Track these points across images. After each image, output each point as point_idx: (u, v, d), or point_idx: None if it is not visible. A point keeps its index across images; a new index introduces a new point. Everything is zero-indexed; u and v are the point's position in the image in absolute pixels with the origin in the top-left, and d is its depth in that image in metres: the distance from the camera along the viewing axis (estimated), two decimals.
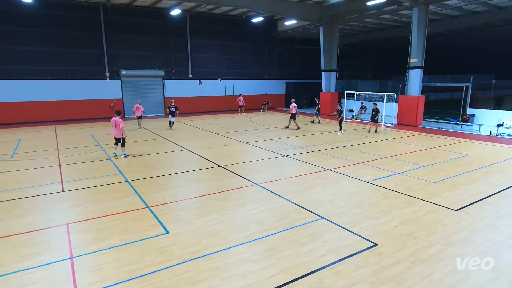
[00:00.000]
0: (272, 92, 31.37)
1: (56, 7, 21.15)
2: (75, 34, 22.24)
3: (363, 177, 9.44)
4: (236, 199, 7.82)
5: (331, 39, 24.95)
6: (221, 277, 4.72)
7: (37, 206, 7.45)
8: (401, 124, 20.26)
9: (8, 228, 6.26)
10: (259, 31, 29.02)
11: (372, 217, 6.72)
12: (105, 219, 6.66)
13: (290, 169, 10.40)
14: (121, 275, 4.75)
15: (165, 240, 5.80)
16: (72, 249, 5.48)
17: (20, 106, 21.11)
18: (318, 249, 5.46)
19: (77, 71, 22.77)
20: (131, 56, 24.37)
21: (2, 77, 20.55)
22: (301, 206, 7.31)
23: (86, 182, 9.11)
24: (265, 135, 16.70)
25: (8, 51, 20.53)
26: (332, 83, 26.02)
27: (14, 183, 9.11)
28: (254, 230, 6.17)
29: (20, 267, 4.97)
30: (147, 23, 24.41)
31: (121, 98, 24.57)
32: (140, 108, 18.59)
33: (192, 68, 27.17)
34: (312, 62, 31.18)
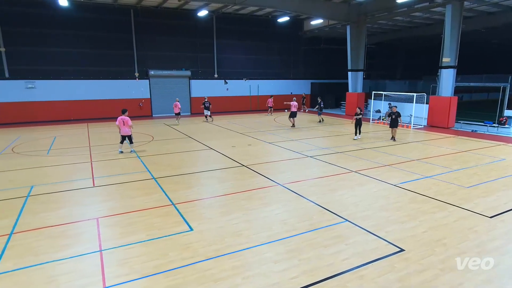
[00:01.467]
0: (297, 92, 31.10)
1: (90, 10, 22.10)
2: (108, 36, 23.15)
3: (390, 180, 9.17)
4: (259, 198, 7.84)
5: (358, 38, 24.42)
6: (244, 276, 4.76)
7: (71, 200, 7.83)
8: (431, 126, 19.50)
9: (45, 220, 6.63)
10: (285, 31, 28.90)
11: (399, 222, 6.52)
12: (132, 215, 6.89)
13: (314, 170, 10.29)
14: (147, 270, 4.90)
15: (189, 237, 5.92)
16: (102, 242, 5.72)
17: (56, 105, 22.26)
18: (341, 252, 5.37)
19: (109, 72, 23.69)
20: (159, 56, 25.04)
21: (41, 78, 21.75)
22: (324, 207, 7.21)
23: (115, 178, 9.46)
24: (289, 135, 16.62)
25: (46, 52, 21.70)
26: (359, 83, 25.46)
27: (50, 177, 9.62)
28: (277, 230, 6.16)
29: (53, 257, 5.25)
30: (175, 24, 24.98)
31: (149, 98, 25.31)
32: (177, 106, 20.63)
33: (218, 68, 27.51)
34: (338, 62, 30.69)
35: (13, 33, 20.65)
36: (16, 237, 5.92)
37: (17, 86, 21.18)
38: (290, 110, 19.50)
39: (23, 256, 5.28)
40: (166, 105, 25.51)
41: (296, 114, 19.43)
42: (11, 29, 20.56)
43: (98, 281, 4.64)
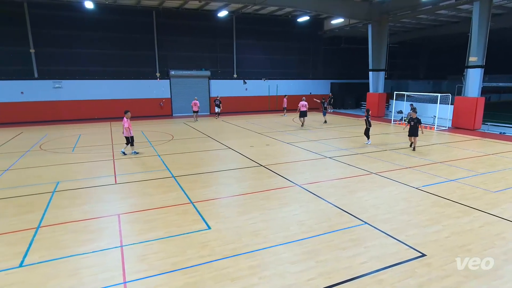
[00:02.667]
0: (316, 92, 30.84)
1: (114, 12, 22.73)
2: (130, 37, 23.76)
3: (412, 182, 8.93)
4: (277, 199, 7.82)
5: (380, 37, 23.91)
6: (260, 275, 4.76)
7: (94, 196, 8.09)
8: (456, 127, 18.83)
9: (69, 215, 6.87)
10: (304, 31, 28.71)
11: (421, 226, 6.33)
12: (152, 212, 7.04)
13: (332, 171, 10.17)
14: (165, 266, 4.99)
15: (206, 235, 5.98)
16: (122, 238, 5.87)
17: (81, 104, 23.05)
18: (360, 255, 5.27)
19: (131, 72, 24.30)
20: (179, 57, 25.46)
21: (67, 78, 22.59)
22: (343, 209, 7.11)
23: (136, 176, 9.69)
24: (307, 135, 16.49)
25: (72, 53, 22.52)
26: (380, 83, 24.92)
27: (75, 174, 9.97)
28: (294, 231, 6.12)
29: (77, 251, 5.43)
30: (195, 25, 25.32)
31: (170, 97, 25.78)
32: (196, 104, 22.14)
33: (237, 68, 27.66)
34: (358, 62, 30.20)
35: (42, 35, 21.55)
36: (43, 231, 6.17)
37: (45, 86, 22.09)
38: (299, 110, 19.48)
39: (49, 249, 5.50)
40: (186, 104, 25.92)
41: (306, 113, 19.30)
42: (40, 31, 21.46)
43: (119, 275, 4.77)
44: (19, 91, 21.53)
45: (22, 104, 21.66)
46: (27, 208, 7.25)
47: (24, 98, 21.70)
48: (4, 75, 21.07)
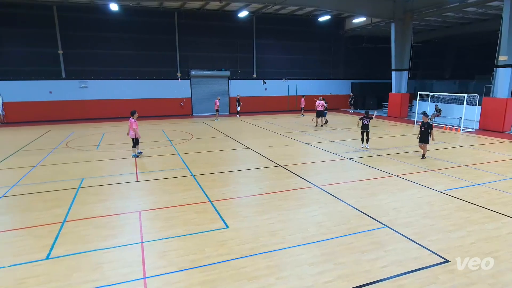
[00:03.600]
0: (336, 92, 30.48)
1: (137, 14, 23.30)
2: (153, 38, 24.29)
3: (435, 186, 8.65)
4: (295, 199, 7.77)
5: (403, 36, 23.29)
6: (278, 276, 4.74)
7: (116, 193, 8.32)
8: (484, 129, 18.09)
9: (93, 211, 7.11)
10: (325, 30, 28.40)
11: (444, 231, 6.13)
12: (171, 209, 7.16)
13: (352, 173, 10.00)
14: (184, 263, 5.06)
15: (224, 234, 6.02)
16: (143, 235, 6.01)
17: (105, 104, 23.78)
18: (380, 259, 5.16)
19: (153, 72, 24.84)
20: (200, 57, 25.79)
21: (92, 78, 23.37)
22: (363, 212, 6.98)
23: (156, 174, 9.89)
24: (327, 136, 16.30)
25: (97, 54, 23.26)
26: (403, 84, 24.29)
27: (99, 171, 10.30)
28: (312, 232, 6.07)
29: (99, 246, 5.60)
30: (216, 25, 25.56)
31: (190, 97, 26.16)
32: (216, 103, 22.67)
33: (257, 68, 27.71)
34: (380, 61, 29.56)
35: (69, 37, 22.39)
36: (68, 225, 6.41)
37: (72, 85, 22.95)
38: (316, 109, 19.41)
39: (73, 243, 5.70)
40: (206, 104, 26.25)
41: (323, 113, 19.19)
42: (68, 33, 22.31)
43: (139, 271, 4.88)
44: (47, 90, 22.47)
45: (50, 103, 22.60)
46: (54, 203, 7.55)
47: (52, 98, 22.63)
48: (34, 75, 22.04)
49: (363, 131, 13.14)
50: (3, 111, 21.56)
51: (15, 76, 21.64)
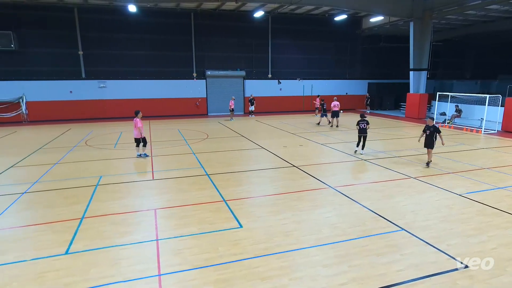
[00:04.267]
0: (352, 93, 30.07)
1: (154, 15, 23.66)
2: (169, 39, 24.63)
3: (455, 189, 8.41)
4: (310, 200, 7.72)
5: (423, 35, 22.74)
6: (291, 277, 4.72)
7: (133, 191, 8.48)
8: (507, 131, 17.46)
9: (110, 208, 7.27)
10: (341, 30, 28.05)
11: (464, 235, 5.95)
12: (186, 208, 7.24)
13: (368, 174, 9.85)
14: (198, 262, 5.11)
15: (238, 233, 6.04)
16: (158, 232, 6.10)
17: (123, 103, 24.25)
18: (396, 263, 5.06)
19: (169, 72, 25.19)
20: (215, 57, 25.97)
21: (111, 78, 23.89)
22: (378, 214, 6.86)
23: (172, 173, 10.02)
24: (342, 137, 16.11)
25: (116, 55, 23.78)
26: (422, 84, 23.72)
27: (116, 169, 10.53)
28: (326, 234, 6.01)
29: (116, 242, 5.73)
30: (232, 26, 25.67)
31: (205, 97, 26.38)
32: (231, 103, 22.89)
33: (272, 68, 27.67)
34: (398, 61, 29.02)
35: (89, 38, 22.98)
36: (86, 221, 6.57)
37: (91, 85, 23.54)
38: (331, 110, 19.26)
39: (91, 239, 5.85)
40: (221, 104, 26.42)
41: (338, 114, 18.98)
42: (88, 34, 22.89)
43: (154, 268, 4.96)
44: (68, 90, 23.14)
45: (70, 103, 23.25)
46: (73, 200, 7.76)
47: (72, 97, 23.28)
48: (55, 76, 22.73)
49: (361, 135, 12.24)
50: (26, 110, 22.33)
51: (37, 76, 22.39)
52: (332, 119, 19.33)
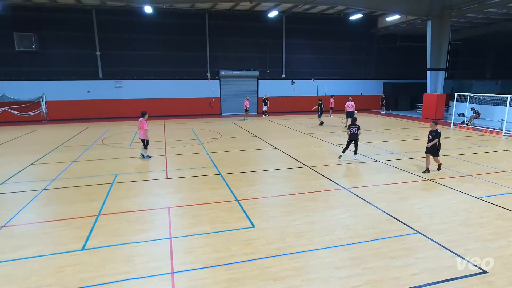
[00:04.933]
0: (367, 93, 29.66)
1: (170, 16, 23.96)
2: (184, 39, 24.88)
3: (473, 192, 8.19)
4: (323, 201, 7.66)
5: (441, 34, 22.20)
6: (303, 278, 4.70)
7: (147, 189, 8.61)
8: None
9: (125, 205, 7.40)
10: (357, 29, 27.71)
11: (482, 239, 5.78)
12: (199, 207, 7.31)
13: (382, 176, 9.69)
14: (210, 261, 5.15)
15: (250, 233, 6.05)
16: (172, 230, 6.17)
17: (138, 103, 24.63)
18: (411, 266, 4.96)
19: (184, 72, 25.45)
20: (229, 57, 26.08)
21: (127, 78, 24.33)
22: (393, 216, 6.74)
23: (185, 172, 10.12)
24: None
25: (132, 55, 24.18)
26: (439, 84, 23.16)
27: (131, 167, 10.71)
28: (340, 235, 5.95)
29: (131, 239, 5.83)
30: (246, 26, 25.72)
31: (219, 97, 26.54)
32: (245, 103, 23.07)
33: (286, 68, 27.58)
34: (415, 60, 28.44)
35: (106, 39, 23.46)
36: (102, 218, 6.72)
37: (108, 85, 24.03)
38: (346, 110, 19.09)
39: (107, 235, 5.97)
40: (234, 104, 26.53)
41: (353, 114, 18.67)
42: (105, 35, 23.38)
43: (167, 265, 5.02)
44: (86, 90, 23.69)
45: (88, 102, 23.80)
46: (90, 197, 7.95)
47: (90, 97, 23.82)
48: (74, 76, 23.31)
49: (351, 141, 11.31)
50: (46, 109, 22.99)
51: (57, 76, 23.01)
52: (346, 119, 19.12)
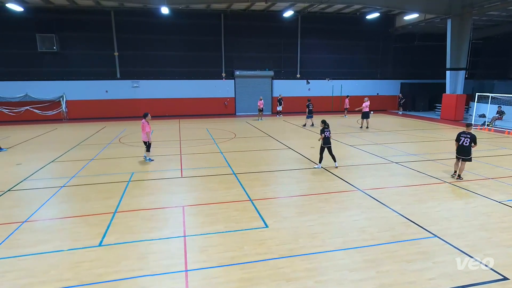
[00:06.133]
0: (384, 93, 29.17)
1: (186, 17, 24.22)
2: (200, 39, 25.11)
3: (494, 195, 7.92)
4: (337, 202, 7.58)
5: (461, 33, 21.60)
6: (316, 279, 4.66)
7: (162, 188, 8.73)
8: None
9: (140, 203, 7.53)
10: (373, 28, 27.28)
11: (503, 245, 5.59)
12: (213, 206, 7.36)
13: (399, 178, 9.50)
14: (223, 260, 5.17)
15: (263, 233, 6.05)
16: (186, 229, 6.24)
17: (154, 102, 25.07)
18: (427, 270, 4.85)
19: (199, 72, 25.69)
20: (244, 57, 26.15)
21: (144, 78, 24.76)
22: (409, 219, 6.60)
23: (200, 171, 10.21)
24: (373, 138, 15.66)
25: (148, 56, 24.59)
26: (459, 84, 22.53)
27: (147, 166, 10.89)
28: (353, 237, 5.87)
29: (145, 237, 5.92)
30: (261, 26, 25.74)
31: (234, 97, 26.64)
32: (259, 103, 22.99)
33: (300, 68, 27.44)
34: (433, 60, 27.79)
35: (124, 39, 23.95)
36: (118, 216, 6.86)
37: (125, 85, 24.53)
38: (362, 111, 18.83)
39: (122, 232, 6.09)
40: (249, 104, 26.59)
41: (368, 115, 18.47)
42: (123, 35, 23.87)
43: (181, 263, 5.08)
44: (104, 90, 24.25)
45: (106, 102, 24.36)
46: (107, 194, 8.12)
47: (108, 96, 24.37)
48: (93, 76, 23.91)
49: (325, 147, 10.42)
50: (66, 108, 23.66)
51: (77, 76, 23.65)
52: (362, 120, 18.87)
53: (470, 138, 8.99)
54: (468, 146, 9.00)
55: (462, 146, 9.09)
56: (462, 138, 9.11)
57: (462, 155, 9.10)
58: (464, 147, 9.05)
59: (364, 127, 18.77)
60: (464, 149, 9.05)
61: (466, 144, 9.01)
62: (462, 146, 9.09)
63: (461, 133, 9.22)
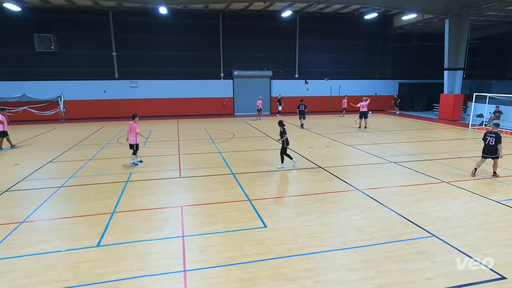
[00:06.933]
0: (382, 93, 29.23)
1: (184, 17, 24.19)
2: (198, 39, 25.10)
3: (492, 195, 7.96)
4: (335, 202, 7.60)
5: (459, 33, 21.67)
6: (315, 279, 4.67)
7: (161, 188, 8.72)
8: None
9: (138, 203, 7.52)
10: (371, 28, 27.35)
11: (501, 244, 5.62)
12: (212, 206, 7.36)
13: (397, 178, 9.53)
14: (222, 260, 5.18)
15: (262, 233, 6.05)
16: (184, 229, 6.23)
17: (153, 103, 25.05)
18: (426, 270, 4.87)
19: (197, 72, 25.68)
20: (243, 57, 26.16)
21: (142, 78, 24.72)
22: (408, 219, 6.62)
23: (199, 171, 10.21)
24: (371, 138, 15.70)
25: (146, 55, 24.55)
26: (457, 84, 22.61)
27: (145, 166, 10.87)
28: (352, 237, 5.89)
29: (144, 237, 5.92)
30: (259, 26, 25.75)
31: (232, 97, 26.64)
32: (258, 103, 23.13)
33: (299, 68, 27.47)
34: (432, 60, 27.88)
35: (122, 39, 23.90)
36: (117, 216, 6.85)
37: (123, 85, 24.49)
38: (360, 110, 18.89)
39: (121, 232, 6.08)
40: (247, 104, 26.59)
41: (366, 114, 18.52)
42: (121, 35, 23.83)
43: (180, 263, 5.08)
44: (102, 90, 24.20)
45: (104, 102, 24.31)
46: (105, 195, 8.11)
47: (106, 96, 24.32)
48: (90, 76, 23.85)
49: (287, 147, 10.42)
50: (64, 108, 23.59)
51: (75, 76, 23.59)
52: (360, 120, 18.91)
53: (495, 138, 9.25)
54: (494, 145, 9.25)
55: (488, 145, 9.37)
56: (488, 138, 9.39)
57: (490, 154, 9.39)
58: (490, 146, 9.33)
59: (362, 127, 18.81)
60: (490, 148, 9.33)
61: (492, 143, 9.28)
62: (488, 145, 9.37)
63: (487, 132, 9.50)
